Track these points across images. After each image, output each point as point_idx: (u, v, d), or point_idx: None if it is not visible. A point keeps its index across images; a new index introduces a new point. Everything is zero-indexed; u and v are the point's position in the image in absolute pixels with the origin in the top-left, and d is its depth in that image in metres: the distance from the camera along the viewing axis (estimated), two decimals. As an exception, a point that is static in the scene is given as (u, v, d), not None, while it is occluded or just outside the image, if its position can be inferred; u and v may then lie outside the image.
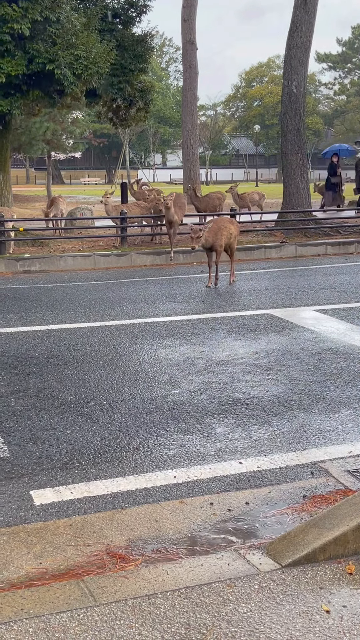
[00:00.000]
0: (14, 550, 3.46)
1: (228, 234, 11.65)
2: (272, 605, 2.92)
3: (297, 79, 18.10)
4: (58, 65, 14.31)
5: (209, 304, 10.10)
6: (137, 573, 3.18)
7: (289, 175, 18.54)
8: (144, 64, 17.35)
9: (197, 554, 3.43)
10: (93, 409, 5.62)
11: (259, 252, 16.12)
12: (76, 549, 3.48)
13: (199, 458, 4.63)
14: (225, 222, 11.96)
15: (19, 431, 5.13)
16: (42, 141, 34.40)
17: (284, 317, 9.06)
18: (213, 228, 11.44)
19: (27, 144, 33.71)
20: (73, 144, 43.29)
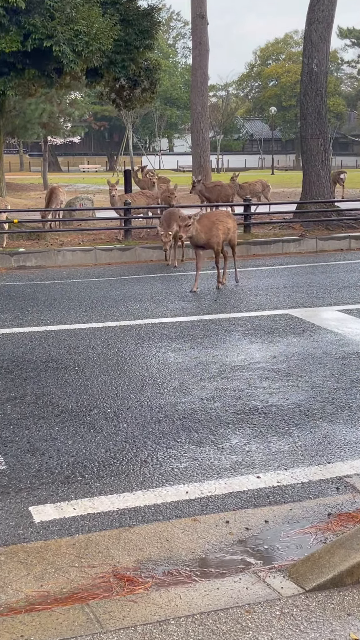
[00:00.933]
0: (13, 571, 3.48)
1: (225, 229, 11.26)
2: (295, 633, 2.93)
3: (318, 56, 18.10)
4: (56, 42, 14.34)
5: (222, 304, 10.12)
6: (147, 597, 3.19)
7: (309, 162, 18.54)
8: (150, 40, 17.36)
9: (212, 576, 3.44)
10: (96, 417, 5.64)
11: (276, 246, 16.12)
12: (80, 570, 3.49)
13: (213, 472, 4.64)
14: (221, 216, 11.60)
15: (16, 442, 5.15)
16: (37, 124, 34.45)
17: (305, 317, 9.06)
18: (205, 223, 10.96)
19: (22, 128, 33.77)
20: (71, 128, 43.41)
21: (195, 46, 26.97)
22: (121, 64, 16.86)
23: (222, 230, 11.17)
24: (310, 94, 18.25)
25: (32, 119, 32.66)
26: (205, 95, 27.40)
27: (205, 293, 10.94)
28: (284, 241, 16.29)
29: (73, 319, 9.24)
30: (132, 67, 17.15)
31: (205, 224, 10.92)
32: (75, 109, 38.36)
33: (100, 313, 9.54)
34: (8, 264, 14.28)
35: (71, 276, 12.98)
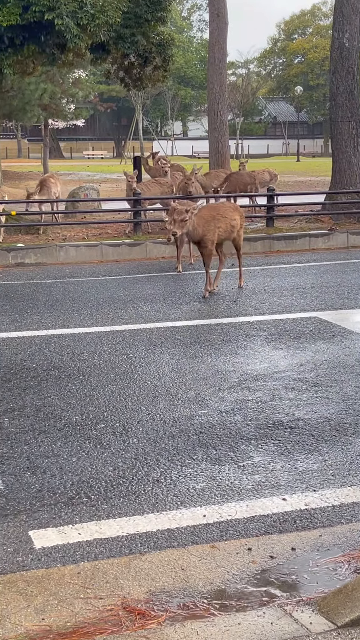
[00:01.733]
0: (11, 603, 3.49)
1: (227, 226, 10.72)
2: (326, 674, 2.92)
3: (350, 29, 18.08)
4: (59, 14, 14.39)
5: (242, 305, 10.11)
6: (160, 633, 3.19)
7: (339, 148, 18.52)
8: (163, 12, 17.39)
9: (232, 610, 3.43)
10: (103, 432, 5.65)
11: (302, 241, 16.11)
12: (86, 602, 3.49)
13: (233, 493, 4.64)
14: (225, 209, 10.97)
15: (15, 458, 5.17)
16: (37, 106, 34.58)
17: (334, 321, 9.04)
18: (204, 216, 10.43)
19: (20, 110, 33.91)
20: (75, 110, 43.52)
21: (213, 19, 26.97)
22: (130, 38, 16.90)
23: (223, 227, 10.66)
24: (340, 71, 18.24)
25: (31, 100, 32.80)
26: (224, 73, 27.41)
27: (223, 294, 10.95)
28: (311, 235, 16.28)
29: (77, 322, 9.26)
30: (143, 43, 17.19)
31: (203, 216, 10.47)
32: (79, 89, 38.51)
33: (107, 315, 9.55)
34: (5, 261, 14.34)
35: (75, 274, 13.02)
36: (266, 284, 11.65)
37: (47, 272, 13.31)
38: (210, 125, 27.14)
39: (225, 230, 10.70)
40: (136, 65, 18.32)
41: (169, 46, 18.36)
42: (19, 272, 13.46)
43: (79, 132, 71.62)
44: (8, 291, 11.43)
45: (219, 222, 10.57)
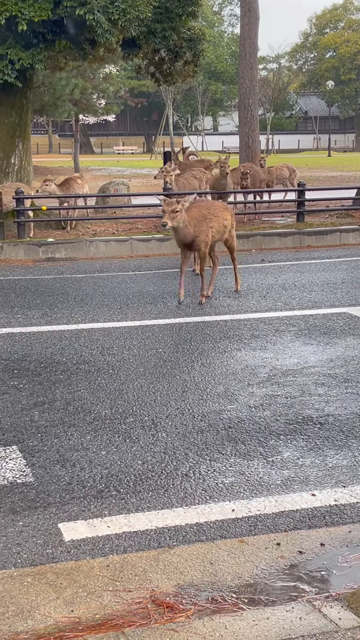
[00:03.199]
0: (40, 594, 3.51)
1: (220, 226, 10.09)
2: (355, 670, 2.91)
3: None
4: (90, 10, 14.45)
5: (272, 301, 10.09)
6: (188, 626, 3.19)
7: (371, 143, 18.35)
8: (194, 7, 17.39)
9: (261, 604, 3.43)
10: (132, 426, 5.66)
11: (332, 237, 16.03)
12: (115, 594, 3.51)
13: (262, 488, 4.63)
14: (216, 209, 10.24)
15: (45, 451, 5.20)
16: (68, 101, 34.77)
17: (365, 317, 9.00)
18: (195, 215, 9.77)
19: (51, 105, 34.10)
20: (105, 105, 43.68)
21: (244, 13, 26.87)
22: (161, 33, 16.92)
23: (216, 227, 10.01)
24: (372, 65, 18.06)
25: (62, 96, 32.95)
26: (255, 68, 27.29)
27: (253, 288, 10.92)
28: (341, 231, 16.19)
29: (107, 316, 9.29)
30: (174, 37, 17.20)
31: (194, 216, 9.72)
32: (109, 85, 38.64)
33: (137, 310, 9.57)
34: (36, 256, 14.42)
35: (105, 269, 13.06)
36: (296, 280, 11.61)
37: (77, 267, 13.36)
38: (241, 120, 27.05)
39: (218, 230, 10.09)
40: (167, 60, 18.33)
41: (200, 41, 18.36)
42: (50, 266, 13.53)
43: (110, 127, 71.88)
44: (38, 285, 11.49)
45: (212, 222, 9.94)
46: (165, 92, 56.46)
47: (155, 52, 18.04)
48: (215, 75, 70.93)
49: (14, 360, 7.39)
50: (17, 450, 5.21)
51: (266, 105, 65.76)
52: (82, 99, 36.23)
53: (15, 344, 7.99)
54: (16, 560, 3.85)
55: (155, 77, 19.41)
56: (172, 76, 18.98)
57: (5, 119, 17.21)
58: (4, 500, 4.50)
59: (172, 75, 18.89)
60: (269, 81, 67.17)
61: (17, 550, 3.95)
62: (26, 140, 17.62)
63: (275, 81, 68.76)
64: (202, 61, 19.38)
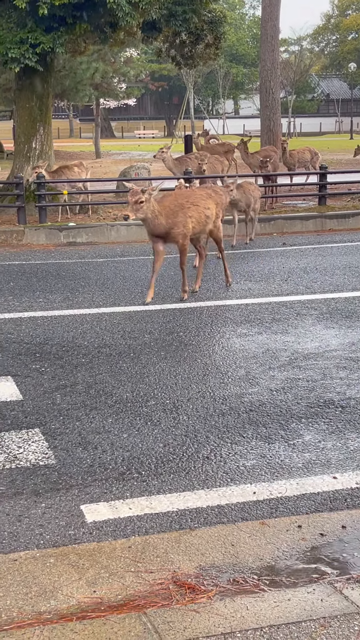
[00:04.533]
0: (63, 575, 3.54)
1: (201, 216, 9.18)
2: (376, 651, 2.92)
3: None
4: (111, -8, 14.38)
5: (293, 284, 10.05)
6: (210, 607, 3.21)
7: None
8: (215, -12, 17.31)
9: (282, 586, 3.44)
10: (154, 409, 5.68)
11: (355, 220, 15.94)
12: (136, 575, 3.53)
13: (283, 471, 4.64)
14: (196, 197, 9.28)
15: (66, 434, 5.23)
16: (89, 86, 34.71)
17: (387, 300, 8.96)
18: (170, 204, 8.91)
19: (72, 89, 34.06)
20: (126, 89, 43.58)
21: (265, -5, 26.67)
22: (182, 16, 16.84)
23: (196, 217, 9.10)
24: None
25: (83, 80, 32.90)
26: (276, 50, 27.13)
27: (274, 272, 10.89)
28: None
29: (128, 300, 9.30)
30: (194, 20, 17.11)
31: (168, 206, 8.90)
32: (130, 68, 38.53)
33: (158, 294, 9.57)
34: (57, 240, 14.45)
35: (125, 253, 13.06)
36: (318, 263, 11.56)
37: (98, 251, 13.37)
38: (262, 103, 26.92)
39: (199, 221, 9.16)
40: (188, 43, 18.26)
41: (221, 23, 18.26)
42: (71, 251, 13.55)
43: (130, 111, 71.69)
44: (60, 270, 11.52)
45: (191, 211, 9.04)
46: (186, 76, 56.22)
47: (176, 35, 17.97)
48: (236, 58, 70.52)
49: (36, 344, 7.42)
50: (39, 433, 5.24)
51: (288, 88, 65.34)
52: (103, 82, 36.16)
53: (37, 328, 8.03)
54: (39, 542, 3.88)
55: (176, 60, 19.34)
56: (193, 59, 18.90)
57: (26, 103, 17.22)
58: (27, 482, 4.53)
59: (193, 58, 18.82)
60: (290, 64, 66.70)
61: (39, 531, 3.98)
62: (47, 125, 17.62)
63: (297, 64, 68.26)
64: (223, 44, 19.29)
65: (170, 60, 19.91)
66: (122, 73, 37.88)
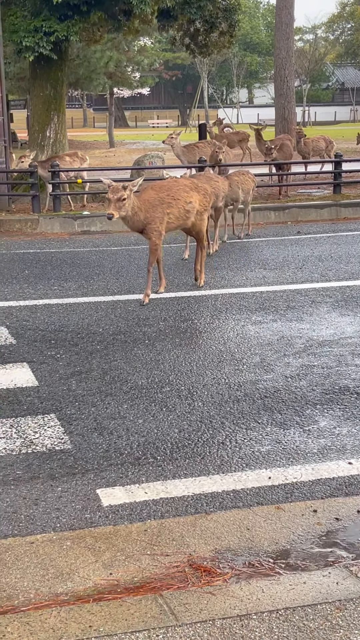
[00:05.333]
0: (80, 557, 3.56)
1: (181, 211, 8.64)
2: (391, 633, 2.92)
3: None
4: (125, -20, 14.36)
5: (308, 272, 10.03)
6: (225, 589, 3.22)
7: None
8: (229, -24, 17.24)
9: (298, 569, 3.45)
10: (169, 395, 5.69)
11: (369, 208, 15.87)
12: (152, 558, 3.55)
13: (298, 456, 4.64)
14: (177, 189, 8.69)
15: (82, 419, 5.25)
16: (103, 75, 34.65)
17: None
18: (149, 198, 8.41)
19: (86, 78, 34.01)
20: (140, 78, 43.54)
21: (280, -17, 26.52)
22: (196, 3, 16.77)
23: (175, 213, 8.56)
24: None
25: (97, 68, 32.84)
26: (291, 38, 26.98)
27: (289, 260, 10.87)
28: (379, 202, 16.02)
29: (142, 288, 9.29)
30: (209, 8, 17.05)
31: (148, 200, 8.39)
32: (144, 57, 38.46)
33: (172, 282, 9.57)
34: (71, 229, 14.47)
35: (140, 242, 13.04)
36: (333, 251, 11.53)
37: (113, 240, 13.38)
38: (277, 92, 26.79)
39: (178, 216, 8.60)
40: (202, 31, 18.20)
41: (235, 11, 18.18)
42: (85, 239, 13.57)
43: (144, 100, 71.56)
44: (75, 258, 11.53)
45: (170, 207, 8.50)
46: (200, 65, 56.02)
47: (190, 23, 17.92)
48: (250, 46, 70.23)
49: (52, 331, 7.45)
50: (55, 419, 5.27)
51: (302, 76, 65.00)
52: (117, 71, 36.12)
53: (52, 315, 8.05)
54: (55, 525, 3.91)
55: (191, 49, 19.27)
56: (208, 47, 18.83)
57: (40, 92, 17.23)
58: (43, 466, 4.56)
59: (207, 46, 18.75)
60: (305, 52, 66.33)
61: (56, 514, 4.01)
62: (61, 114, 17.62)
63: (312, 52, 67.87)
64: (237, 32, 19.21)
65: (185, 48, 19.84)
66: (136, 62, 37.82)
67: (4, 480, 4.39)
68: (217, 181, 9.48)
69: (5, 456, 4.70)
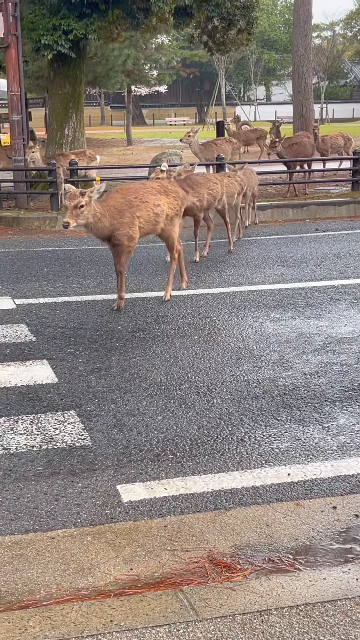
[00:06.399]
0: (100, 553, 3.58)
1: (150, 214, 8.07)
2: None
3: None
4: (143, -22, 14.37)
5: (326, 269, 10.01)
6: (245, 585, 3.24)
7: None
8: (247, -27, 17.22)
9: (317, 565, 3.46)
10: (187, 392, 5.71)
11: (388, 205, 15.83)
12: (172, 554, 3.57)
13: (317, 453, 4.64)
14: (145, 192, 8.14)
15: (102, 416, 5.27)
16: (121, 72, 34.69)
17: None
18: (115, 203, 7.83)
19: (104, 76, 34.07)
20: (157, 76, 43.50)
21: (298, -21, 26.47)
22: (214, 1, 16.78)
23: (145, 217, 8.02)
24: None
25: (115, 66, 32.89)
26: (309, 35, 26.93)
27: (307, 257, 10.85)
28: None
29: (161, 285, 9.32)
30: (227, 5, 17.04)
31: (114, 205, 7.83)
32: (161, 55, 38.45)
33: (191, 279, 9.58)
34: (89, 226, 14.47)
35: (157, 239, 13.02)
36: (351, 248, 11.50)
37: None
38: (295, 89, 26.75)
39: (148, 220, 8.06)
40: (220, 28, 18.18)
41: (253, 8, 18.17)
42: (104, 237, 13.57)
43: (161, 98, 71.52)
44: (93, 256, 11.57)
45: (139, 210, 7.95)
46: (217, 62, 55.98)
47: (208, 21, 17.91)
48: (268, 43, 70.04)
49: (71, 328, 7.48)
50: (75, 415, 5.29)
51: (320, 73, 64.76)
52: (135, 69, 36.15)
53: (71, 312, 8.09)
54: (76, 520, 3.93)
55: (208, 46, 19.27)
56: (225, 45, 18.82)
57: (59, 90, 17.28)
58: (64, 462, 4.59)
59: (225, 44, 18.74)
60: (323, 49, 66.08)
61: (76, 510, 4.03)
62: (79, 112, 17.68)
63: (330, 49, 67.58)
64: (255, 29, 19.17)
65: (202, 46, 19.84)
66: (154, 60, 37.83)
67: (24, 476, 4.42)
68: (178, 190, 8.70)
69: (26, 452, 4.73)
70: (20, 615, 3.05)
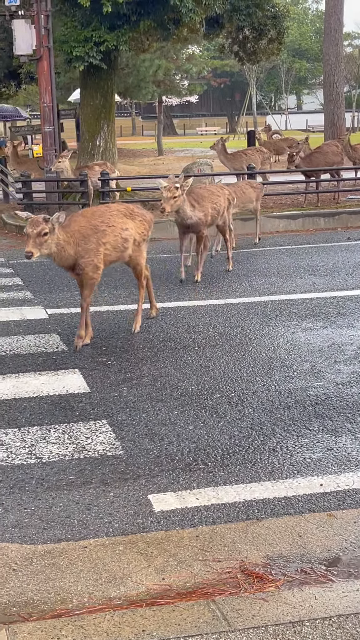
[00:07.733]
0: (132, 562, 3.59)
1: (117, 239, 7.36)
2: None
3: None
4: (174, -11, 14.43)
5: (358, 278, 9.96)
6: (278, 596, 3.22)
7: None
8: (278, -17, 17.26)
9: (351, 577, 3.43)
10: (219, 401, 5.70)
11: None
12: (204, 564, 3.56)
13: (350, 464, 4.62)
14: (111, 215, 7.44)
15: (133, 425, 5.28)
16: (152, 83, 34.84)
17: None
18: (79, 228, 7.10)
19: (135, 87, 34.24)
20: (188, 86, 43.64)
21: (329, -12, 26.43)
22: (245, 11, 16.81)
23: (112, 242, 7.31)
24: None
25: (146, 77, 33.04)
26: (340, 44, 26.85)
27: (339, 266, 10.80)
28: None
29: (192, 295, 9.34)
30: (258, 15, 17.08)
31: (78, 230, 7.09)
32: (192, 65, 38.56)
33: (222, 289, 9.59)
34: (121, 236, 14.53)
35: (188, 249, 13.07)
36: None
37: (162, 247, 13.43)
38: (326, 98, 26.68)
39: (115, 246, 7.35)
40: (250, 38, 18.23)
41: (284, 18, 18.21)
42: (135, 247, 13.61)
43: (192, 108, 71.66)
44: (124, 266, 11.55)
45: (105, 237, 7.25)
46: (248, 72, 55.98)
47: (239, 31, 17.96)
48: (299, 53, 69.93)
49: (102, 338, 7.51)
50: (106, 424, 5.31)
51: (351, 82, 64.56)
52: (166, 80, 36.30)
53: (103, 322, 8.12)
54: (108, 530, 3.94)
55: (239, 56, 19.31)
56: (256, 54, 18.86)
57: (90, 101, 17.40)
58: (95, 472, 4.60)
59: (256, 53, 18.77)
60: (354, 58, 65.85)
61: (108, 519, 4.04)
62: (111, 122, 17.77)
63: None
64: (286, 39, 19.21)
65: (233, 56, 19.89)
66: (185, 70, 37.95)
67: (57, 485, 4.44)
68: (145, 213, 8.05)
69: (58, 461, 4.76)
70: (53, 624, 3.06)
